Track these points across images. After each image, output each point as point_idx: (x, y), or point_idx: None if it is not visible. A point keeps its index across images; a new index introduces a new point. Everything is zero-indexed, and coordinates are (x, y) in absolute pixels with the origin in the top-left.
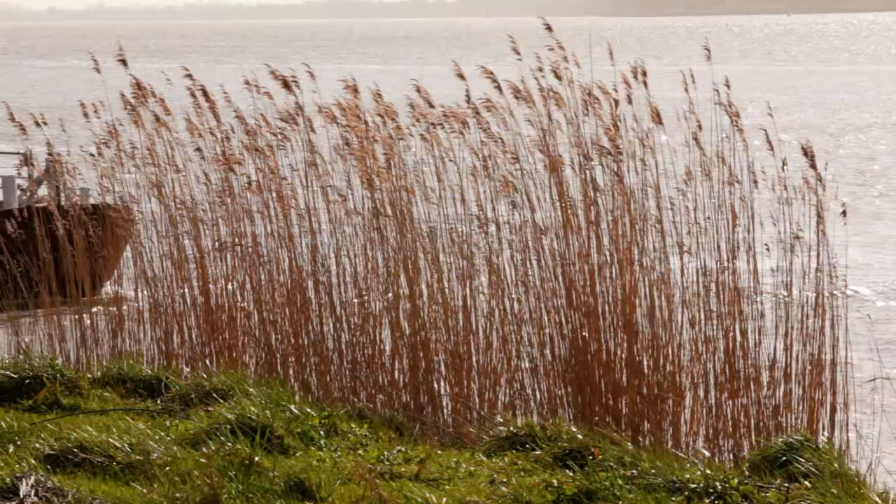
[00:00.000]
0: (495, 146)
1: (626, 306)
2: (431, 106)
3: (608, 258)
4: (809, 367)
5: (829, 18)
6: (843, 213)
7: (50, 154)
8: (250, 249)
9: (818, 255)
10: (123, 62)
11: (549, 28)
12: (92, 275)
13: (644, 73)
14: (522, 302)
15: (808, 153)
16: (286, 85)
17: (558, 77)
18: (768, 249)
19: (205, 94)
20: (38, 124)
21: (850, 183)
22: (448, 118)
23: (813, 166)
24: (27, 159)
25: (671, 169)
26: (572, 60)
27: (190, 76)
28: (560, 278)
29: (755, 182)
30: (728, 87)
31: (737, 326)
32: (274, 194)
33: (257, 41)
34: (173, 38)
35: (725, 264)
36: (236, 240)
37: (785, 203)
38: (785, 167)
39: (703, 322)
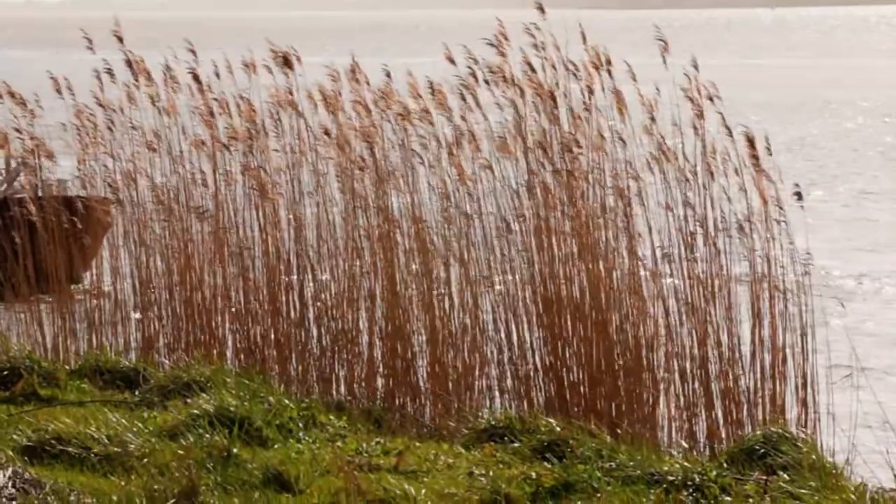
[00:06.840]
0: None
1: (598, 295)
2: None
3: (575, 249)
4: (771, 358)
5: (822, 11)
6: (798, 195)
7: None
8: (236, 234)
9: (771, 239)
10: (119, 38)
11: (541, 8)
12: (69, 265)
13: (608, 62)
14: (494, 292)
15: (751, 140)
16: (287, 63)
17: (531, 66)
18: (742, 230)
19: (196, 78)
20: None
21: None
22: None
23: (754, 156)
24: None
25: (637, 155)
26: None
27: (193, 51)
28: (535, 266)
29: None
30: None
31: (713, 313)
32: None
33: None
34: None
35: (694, 252)
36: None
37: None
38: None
39: (676, 310)
